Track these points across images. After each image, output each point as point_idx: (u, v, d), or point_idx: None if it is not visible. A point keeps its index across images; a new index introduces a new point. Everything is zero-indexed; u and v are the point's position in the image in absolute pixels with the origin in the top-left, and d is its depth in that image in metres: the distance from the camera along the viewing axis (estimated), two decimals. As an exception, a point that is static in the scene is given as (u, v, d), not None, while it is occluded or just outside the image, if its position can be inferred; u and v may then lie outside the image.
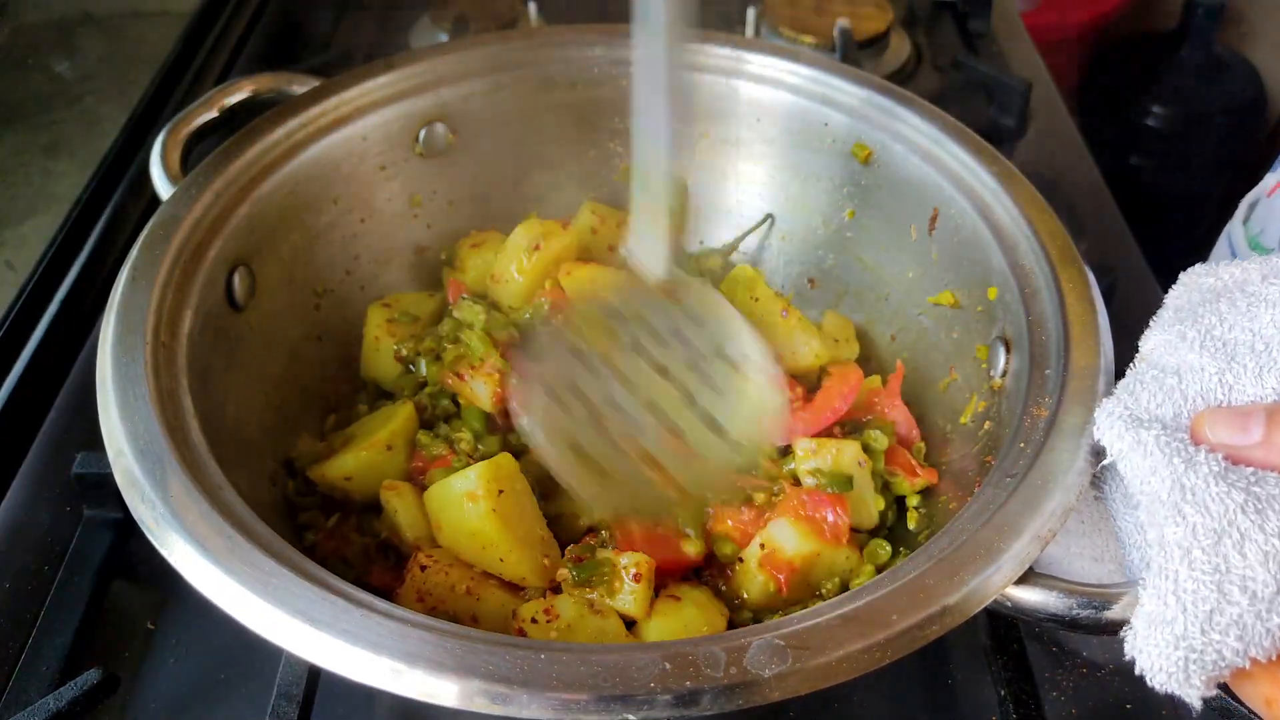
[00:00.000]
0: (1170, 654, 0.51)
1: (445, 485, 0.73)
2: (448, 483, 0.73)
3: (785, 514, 0.74)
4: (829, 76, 0.93)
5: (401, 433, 0.81)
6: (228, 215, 0.79)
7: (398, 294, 0.94)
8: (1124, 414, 0.58)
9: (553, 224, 0.93)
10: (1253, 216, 1.10)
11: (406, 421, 0.82)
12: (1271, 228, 1.04)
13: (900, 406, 0.85)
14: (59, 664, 0.74)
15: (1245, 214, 1.11)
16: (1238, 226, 1.11)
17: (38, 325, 1.01)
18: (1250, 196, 1.12)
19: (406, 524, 0.76)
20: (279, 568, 0.55)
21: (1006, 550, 0.56)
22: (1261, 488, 0.51)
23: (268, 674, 0.69)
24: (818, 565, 0.74)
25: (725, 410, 0.70)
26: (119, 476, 0.60)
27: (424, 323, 0.91)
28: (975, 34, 1.49)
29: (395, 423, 0.81)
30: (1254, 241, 1.07)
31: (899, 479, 0.80)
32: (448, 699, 0.50)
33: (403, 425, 0.82)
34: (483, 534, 0.71)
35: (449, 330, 0.87)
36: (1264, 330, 0.58)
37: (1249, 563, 0.49)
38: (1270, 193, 1.07)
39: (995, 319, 0.78)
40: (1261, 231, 1.06)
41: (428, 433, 0.82)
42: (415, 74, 0.93)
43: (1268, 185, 1.09)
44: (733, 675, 0.50)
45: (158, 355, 0.67)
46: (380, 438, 0.80)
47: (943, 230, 0.86)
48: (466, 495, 0.71)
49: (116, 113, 1.26)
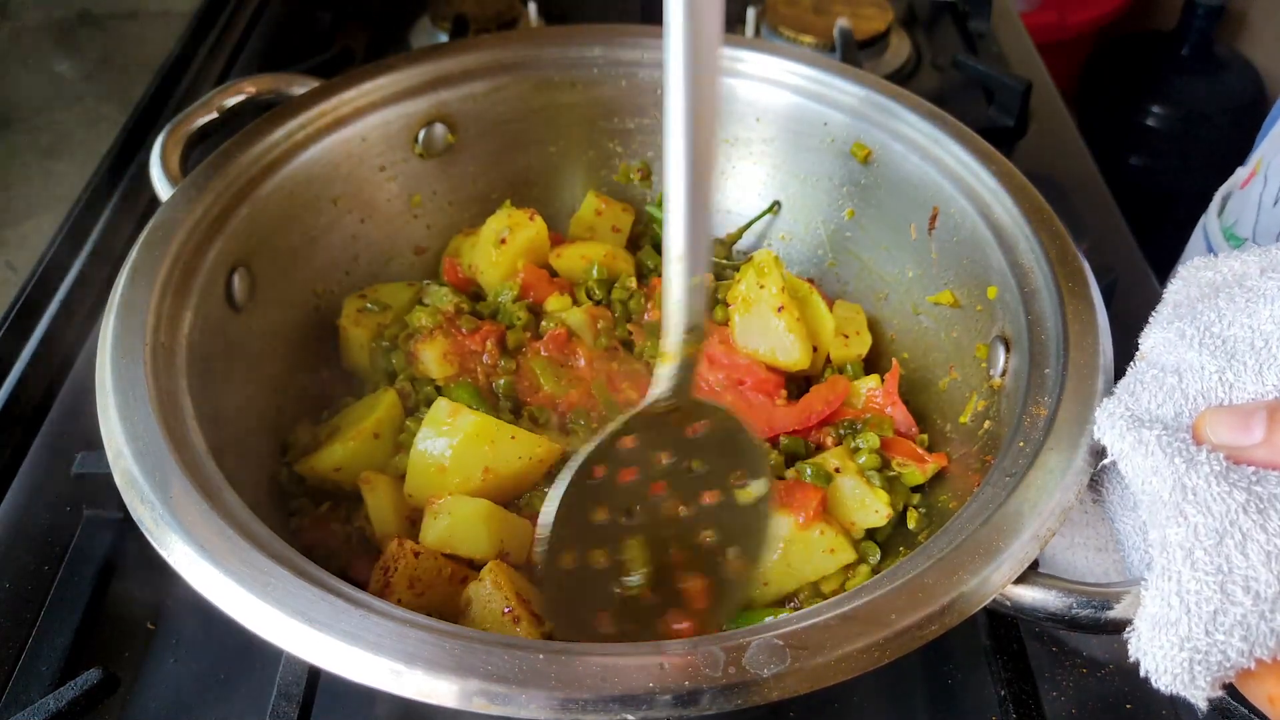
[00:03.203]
0: (1175, 656, 0.51)
1: (423, 430, 0.75)
2: (425, 425, 0.76)
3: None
4: (829, 76, 0.93)
5: (387, 420, 0.82)
6: (227, 216, 0.79)
7: (376, 285, 0.94)
8: (1125, 414, 0.58)
9: (520, 215, 0.94)
10: (1226, 209, 1.10)
11: (390, 409, 0.83)
12: (1246, 219, 1.04)
13: (899, 404, 0.85)
14: (59, 664, 0.74)
15: (1219, 206, 1.11)
16: (1213, 219, 1.11)
17: (38, 325, 1.01)
18: (1224, 189, 1.12)
19: (377, 517, 0.77)
20: (279, 568, 0.55)
21: (1006, 549, 0.56)
22: (1263, 487, 0.51)
23: (268, 674, 0.69)
24: (794, 549, 0.74)
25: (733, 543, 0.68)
26: (119, 477, 0.60)
27: (395, 312, 0.92)
28: (975, 34, 1.49)
29: (380, 410, 0.82)
30: (1229, 233, 1.07)
31: (909, 469, 0.80)
32: (447, 699, 0.50)
33: (387, 413, 0.82)
34: (485, 427, 0.75)
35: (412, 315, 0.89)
36: (1263, 326, 0.58)
37: (1251, 563, 0.49)
38: (1243, 185, 1.07)
39: (995, 318, 0.78)
40: (1236, 223, 1.06)
41: (415, 419, 0.82)
42: (415, 74, 0.93)
43: (1240, 177, 1.10)
44: (732, 675, 0.50)
45: (157, 356, 0.67)
46: (366, 426, 0.81)
47: (942, 230, 0.86)
48: (448, 414, 0.75)
49: (116, 113, 1.26)
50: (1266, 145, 1.06)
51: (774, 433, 0.84)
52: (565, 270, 0.96)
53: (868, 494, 0.77)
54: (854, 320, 0.93)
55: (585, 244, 0.98)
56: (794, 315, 0.87)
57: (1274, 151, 1.03)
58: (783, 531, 0.73)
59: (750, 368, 0.88)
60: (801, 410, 0.85)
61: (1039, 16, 2.21)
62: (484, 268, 0.93)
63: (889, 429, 0.82)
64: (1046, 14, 2.23)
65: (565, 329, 0.88)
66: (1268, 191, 1.00)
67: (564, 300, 0.92)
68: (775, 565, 0.73)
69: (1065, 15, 2.25)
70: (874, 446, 0.80)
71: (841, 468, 0.78)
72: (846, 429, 0.84)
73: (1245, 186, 1.07)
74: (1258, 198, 1.02)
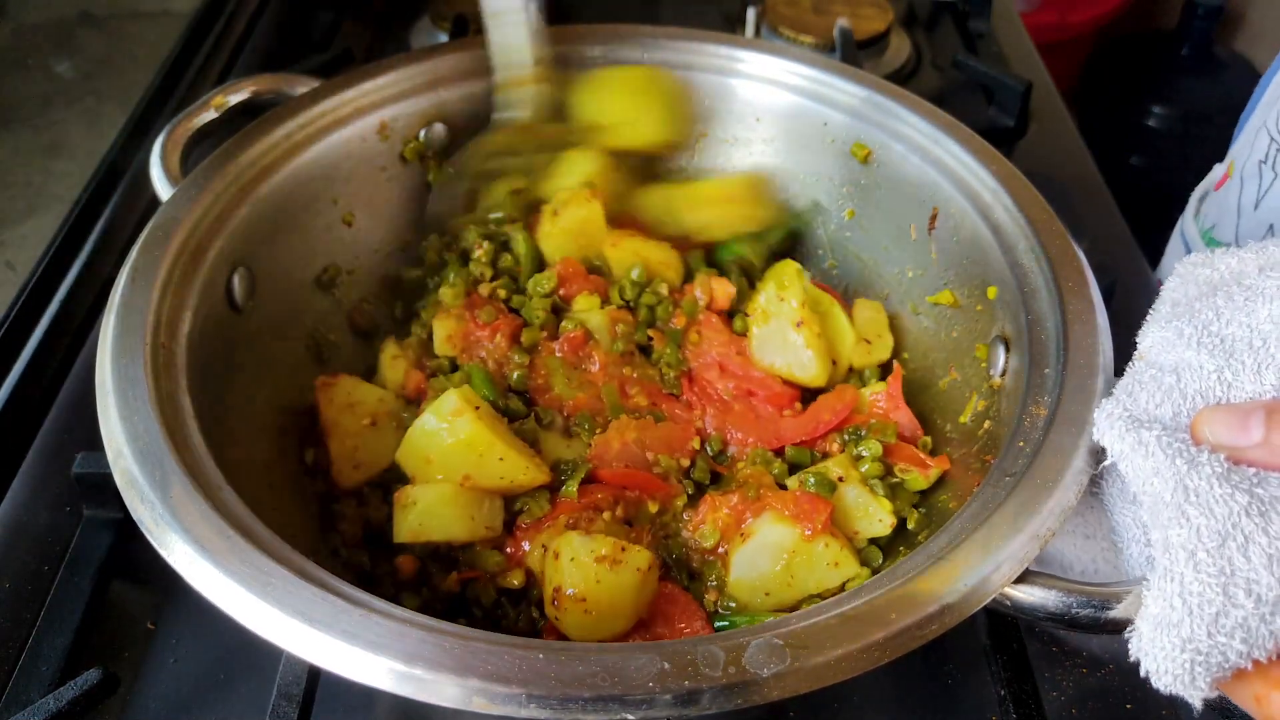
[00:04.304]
0: (1177, 657, 0.51)
1: (426, 417, 0.75)
2: (429, 413, 0.75)
3: (770, 509, 0.74)
4: (829, 76, 0.93)
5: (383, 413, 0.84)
6: (227, 216, 0.79)
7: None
8: (1123, 415, 0.58)
9: (582, 193, 0.94)
10: (1202, 211, 1.10)
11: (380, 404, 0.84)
12: (1226, 223, 1.04)
13: (903, 409, 0.85)
14: (59, 664, 0.74)
15: (1195, 208, 1.11)
16: (1189, 221, 1.11)
17: (38, 325, 1.01)
18: (1199, 190, 1.12)
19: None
20: (278, 568, 0.55)
21: (1005, 549, 0.56)
22: (1264, 489, 0.51)
23: (268, 674, 0.69)
24: (797, 561, 0.73)
25: None
26: (119, 477, 0.60)
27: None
28: (975, 34, 1.49)
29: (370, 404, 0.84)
30: (1208, 237, 1.07)
31: (912, 474, 0.79)
32: (447, 699, 0.50)
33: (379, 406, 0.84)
34: (478, 440, 0.74)
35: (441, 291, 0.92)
36: (1261, 325, 0.57)
37: (1253, 565, 0.49)
38: (1218, 185, 1.07)
39: (995, 318, 0.78)
40: (1215, 227, 1.06)
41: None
42: (415, 74, 0.93)
43: (1215, 177, 1.09)
44: (731, 675, 0.50)
45: (157, 356, 0.67)
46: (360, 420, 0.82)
47: (942, 230, 0.86)
48: (452, 413, 0.74)
49: (116, 113, 1.26)
50: (1238, 146, 1.06)
51: (781, 444, 0.83)
52: (616, 260, 0.94)
53: (871, 503, 0.77)
54: (875, 321, 0.92)
55: (645, 242, 0.95)
56: (814, 330, 0.85)
57: (1246, 153, 1.02)
58: (787, 544, 0.72)
59: (765, 381, 0.87)
60: (808, 421, 0.84)
61: (1039, 16, 2.21)
62: (539, 236, 0.94)
63: (893, 434, 0.82)
64: (1046, 14, 2.23)
65: (583, 331, 0.87)
66: (1245, 194, 1.00)
67: (593, 300, 0.91)
68: (777, 577, 0.72)
69: (1065, 15, 2.25)
70: (877, 454, 0.79)
71: (845, 476, 0.77)
72: (851, 435, 0.83)
73: (1220, 188, 1.06)
74: (1236, 201, 1.01)
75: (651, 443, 0.81)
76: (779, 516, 0.73)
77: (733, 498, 0.76)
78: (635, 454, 0.80)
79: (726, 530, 0.75)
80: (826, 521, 0.73)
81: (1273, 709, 0.50)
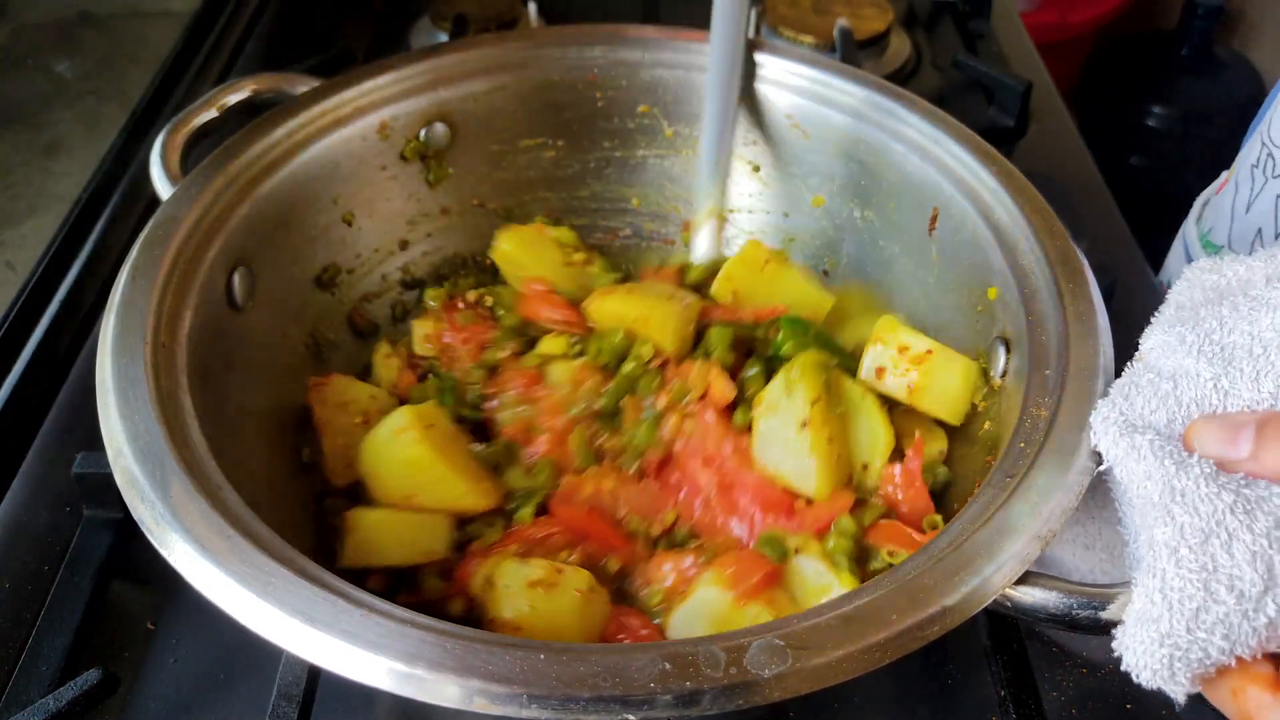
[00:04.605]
0: (1155, 651, 0.51)
1: (376, 430, 0.76)
2: (379, 426, 0.76)
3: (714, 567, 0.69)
4: (829, 76, 0.93)
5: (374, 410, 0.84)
6: (228, 215, 0.79)
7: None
8: (1118, 419, 0.58)
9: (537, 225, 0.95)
10: (1204, 215, 1.10)
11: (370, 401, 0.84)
12: (1220, 226, 1.04)
13: (918, 488, 0.73)
14: (59, 664, 0.74)
15: (1198, 212, 1.11)
16: (1191, 225, 1.11)
17: (38, 325, 1.01)
18: (1203, 195, 1.12)
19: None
20: (279, 568, 0.55)
21: (1006, 550, 0.56)
22: (1251, 490, 0.51)
23: (268, 674, 0.68)
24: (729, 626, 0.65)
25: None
26: (119, 477, 0.60)
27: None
28: (975, 34, 1.49)
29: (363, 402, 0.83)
30: (1205, 240, 1.07)
31: (900, 556, 0.69)
32: (448, 699, 0.50)
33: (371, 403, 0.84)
34: (420, 459, 0.74)
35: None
36: (1263, 334, 0.57)
37: (1236, 562, 0.49)
38: (1218, 190, 1.07)
39: (995, 319, 0.78)
40: (1211, 230, 1.06)
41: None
42: (415, 74, 0.93)
43: (1218, 184, 1.09)
44: (732, 675, 0.50)
45: (158, 356, 0.67)
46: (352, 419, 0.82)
47: (943, 230, 0.86)
48: (397, 429, 0.74)
49: (116, 113, 1.26)
50: (1241, 153, 1.07)
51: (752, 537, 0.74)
52: (595, 318, 0.85)
53: (833, 580, 0.68)
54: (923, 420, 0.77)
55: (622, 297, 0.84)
56: (822, 435, 0.70)
57: (1243, 158, 1.03)
58: (717, 607, 0.67)
59: (760, 487, 0.74)
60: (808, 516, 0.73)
61: (1039, 16, 2.21)
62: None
63: (880, 513, 0.74)
64: (1046, 14, 2.23)
65: (536, 371, 0.82)
66: (1239, 198, 1.00)
67: (559, 343, 0.83)
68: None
69: (1065, 15, 2.25)
70: (850, 532, 0.70)
71: (801, 548, 0.69)
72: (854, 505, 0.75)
73: (1220, 193, 1.07)
74: (1230, 204, 1.02)
75: (628, 498, 0.76)
76: (718, 577, 0.68)
77: (687, 557, 0.72)
78: (606, 504, 0.76)
79: (670, 592, 0.72)
80: (760, 584, 0.67)
81: (1248, 704, 0.50)
